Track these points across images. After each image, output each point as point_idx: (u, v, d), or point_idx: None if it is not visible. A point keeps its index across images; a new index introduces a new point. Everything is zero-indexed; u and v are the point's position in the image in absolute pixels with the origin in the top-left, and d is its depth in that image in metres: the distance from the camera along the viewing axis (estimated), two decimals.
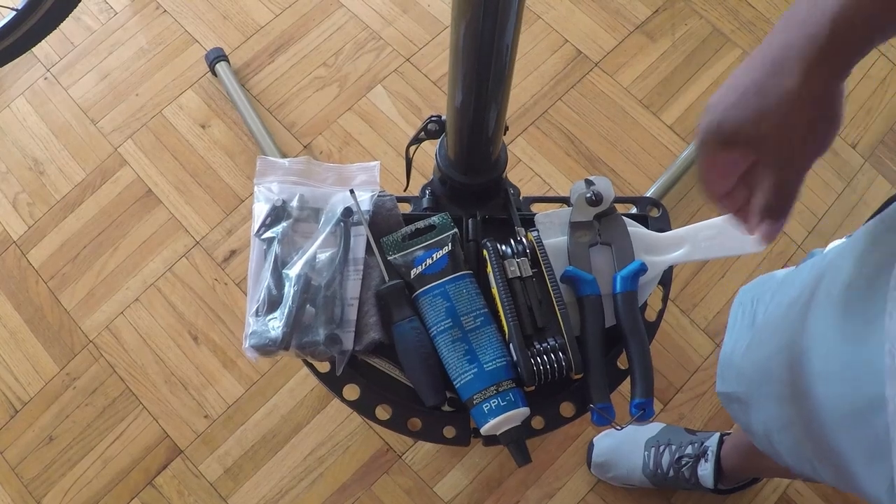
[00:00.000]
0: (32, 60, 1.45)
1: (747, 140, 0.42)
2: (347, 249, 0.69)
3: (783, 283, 0.65)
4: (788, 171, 0.43)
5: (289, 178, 0.74)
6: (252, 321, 0.66)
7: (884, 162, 1.38)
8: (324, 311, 0.66)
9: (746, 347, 0.66)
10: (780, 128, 0.41)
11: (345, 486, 1.18)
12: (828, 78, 0.39)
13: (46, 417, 1.23)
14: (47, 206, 1.35)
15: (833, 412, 0.50)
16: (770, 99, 0.40)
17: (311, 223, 0.70)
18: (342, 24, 1.46)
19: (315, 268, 0.67)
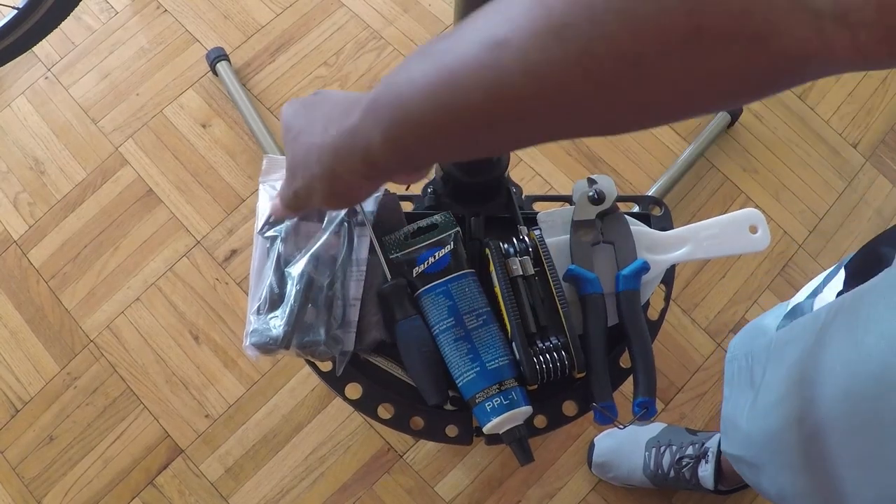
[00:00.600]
0: (33, 60, 1.45)
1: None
2: (351, 250, 0.69)
3: (778, 346, 0.65)
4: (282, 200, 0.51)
5: None
6: (253, 319, 0.66)
7: (885, 161, 1.38)
8: (325, 311, 0.66)
9: (749, 410, 0.67)
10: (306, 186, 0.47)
11: (346, 485, 1.18)
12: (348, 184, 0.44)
13: (47, 417, 1.23)
14: (48, 205, 1.35)
15: (860, 496, 0.50)
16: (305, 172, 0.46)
17: (315, 222, 0.69)
18: (343, 23, 1.46)
19: (318, 267, 0.67)
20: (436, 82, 0.34)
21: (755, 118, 1.40)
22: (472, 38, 0.32)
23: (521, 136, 0.36)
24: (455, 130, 0.35)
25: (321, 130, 0.43)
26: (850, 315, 0.53)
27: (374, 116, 0.38)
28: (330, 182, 0.44)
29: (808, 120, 1.40)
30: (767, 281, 1.30)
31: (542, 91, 0.30)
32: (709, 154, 1.37)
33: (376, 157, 0.40)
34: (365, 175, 0.42)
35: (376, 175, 0.42)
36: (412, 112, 0.36)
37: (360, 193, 0.46)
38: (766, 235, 0.74)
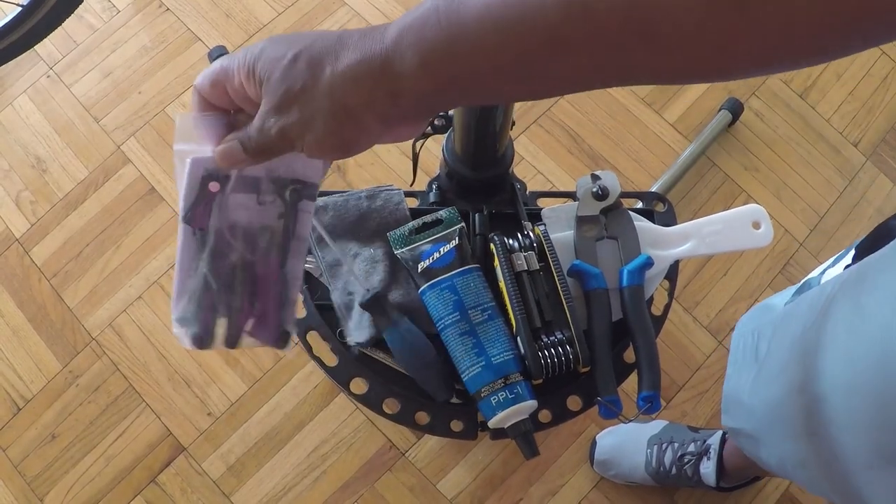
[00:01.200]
0: (35, 58, 1.45)
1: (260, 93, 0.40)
2: (292, 224, 0.52)
3: (784, 318, 0.65)
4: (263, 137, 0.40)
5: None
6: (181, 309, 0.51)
7: (885, 160, 1.39)
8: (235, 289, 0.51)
9: (752, 383, 0.66)
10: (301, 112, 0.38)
11: (348, 483, 1.18)
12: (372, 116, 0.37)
13: (49, 415, 1.23)
14: (50, 203, 1.35)
15: (858, 459, 0.50)
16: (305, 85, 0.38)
17: (250, 193, 0.51)
18: (345, 22, 1.47)
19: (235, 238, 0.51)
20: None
21: (756, 117, 1.40)
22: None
23: (584, 73, 0.32)
24: (515, 56, 0.31)
25: (334, 55, 0.36)
26: (856, 283, 0.53)
27: (417, 37, 0.33)
28: (338, 120, 0.37)
29: (809, 118, 1.41)
30: (769, 279, 1.30)
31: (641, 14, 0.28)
32: (710, 152, 1.37)
33: (406, 90, 0.35)
34: (383, 116, 0.36)
35: (396, 115, 0.37)
36: (468, 30, 0.32)
37: (368, 139, 0.39)
38: (769, 231, 0.74)
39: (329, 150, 0.39)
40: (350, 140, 0.38)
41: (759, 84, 1.43)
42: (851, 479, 0.50)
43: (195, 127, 0.44)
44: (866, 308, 0.49)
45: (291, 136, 0.39)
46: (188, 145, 0.46)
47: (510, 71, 0.33)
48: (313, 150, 0.39)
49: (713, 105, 1.40)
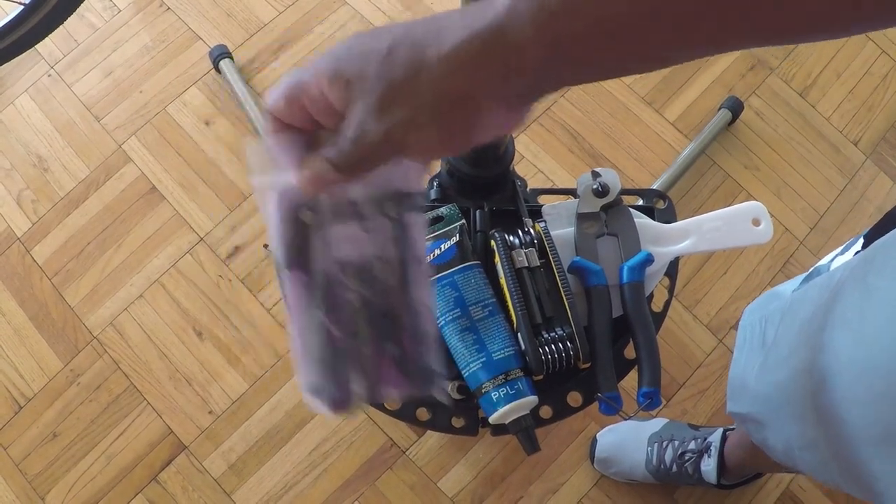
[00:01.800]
0: (36, 57, 1.45)
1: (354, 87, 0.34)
2: (406, 246, 0.45)
3: (793, 304, 0.65)
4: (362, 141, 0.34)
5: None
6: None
7: (885, 159, 1.39)
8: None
9: (759, 368, 0.66)
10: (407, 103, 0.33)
11: (349, 481, 1.18)
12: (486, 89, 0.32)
13: (50, 414, 1.23)
14: (51, 202, 1.35)
15: (866, 436, 0.50)
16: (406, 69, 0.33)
17: (351, 222, 0.44)
18: (345, 21, 1.47)
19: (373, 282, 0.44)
20: None
21: (756, 115, 1.41)
22: None
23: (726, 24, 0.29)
24: (649, 7, 0.28)
25: (436, 38, 0.31)
26: (864, 265, 0.53)
27: (537, 2, 0.29)
28: (450, 111, 0.32)
29: (809, 117, 1.41)
30: (769, 277, 1.31)
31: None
32: (710, 151, 1.37)
33: (524, 65, 0.30)
34: (497, 98, 0.32)
35: (510, 97, 0.32)
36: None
37: (482, 130, 0.33)
38: (769, 228, 0.74)
39: (441, 148, 0.34)
40: (463, 133, 0.33)
41: (759, 83, 1.43)
42: (859, 457, 0.50)
43: (272, 153, 0.37)
44: (875, 288, 0.49)
45: (398, 140, 0.33)
46: (268, 177, 0.38)
47: (640, 26, 0.29)
48: (423, 151, 0.34)
49: (713, 104, 1.40)
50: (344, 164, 0.35)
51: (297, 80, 0.36)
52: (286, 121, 0.37)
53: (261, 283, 1.29)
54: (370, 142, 0.34)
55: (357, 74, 0.33)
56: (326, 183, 0.36)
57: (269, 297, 1.28)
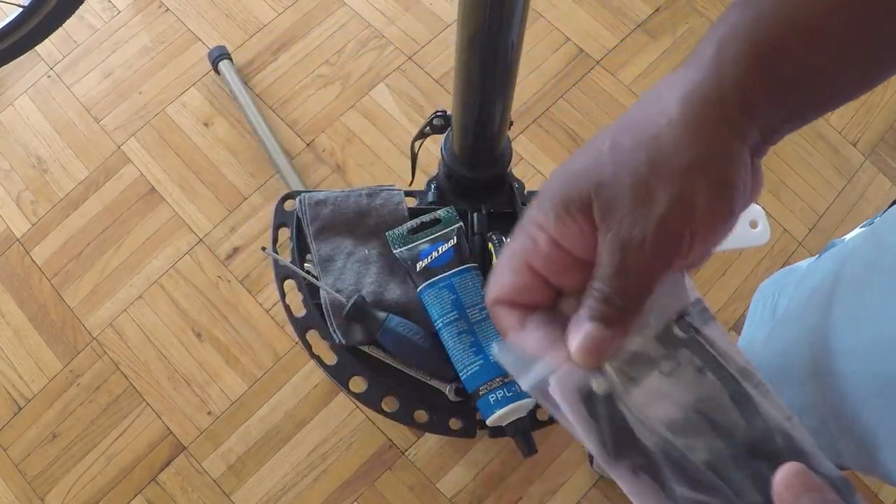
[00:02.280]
0: (35, 59, 1.45)
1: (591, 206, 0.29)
2: (723, 363, 0.34)
3: (806, 274, 0.65)
4: (636, 254, 0.28)
5: None
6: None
7: (884, 160, 1.39)
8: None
9: (767, 337, 0.66)
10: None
11: (348, 482, 1.19)
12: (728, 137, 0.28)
13: (50, 414, 1.23)
14: (51, 203, 1.35)
15: (859, 388, 0.50)
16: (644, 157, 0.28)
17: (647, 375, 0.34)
18: (344, 22, 1.47)
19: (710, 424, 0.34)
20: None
21: None
22: None
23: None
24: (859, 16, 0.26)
25: (651, 111, 0.28)
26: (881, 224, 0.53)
27: (745, 37, 0.27)
28: (718, 169, 0.27)
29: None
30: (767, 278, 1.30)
31: None
32: None
33: (754, 99, 0.27)
34: (745, 137, 0.28)
35: (755, 134, 0.28)
36: (804, 14, 0.27)
37: (748, 176, 0.29)
38: (766, 230, 0.74)
39: (725, 211, 0.28)
40: (738, 182, 0.28)
41: None
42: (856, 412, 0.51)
43: (521, 347, 0.31)
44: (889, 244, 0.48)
45: (674, 229, 0.27)
46: (533, 372, 0.31)
47: (855, 40, 0.27)
48: (708, 225, 0.28)
49: None
50: (615, 311, 0.28)
51: (516, 244, 0.30)
52: (519, 301, 0.31)
53: (260, 283, 1.29)
54: (644, 253, 0.27)
55: (591, 188, 0.28)
56: (605, 348, 0.29)
57: (268, 298, 1.28)
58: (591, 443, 0.30)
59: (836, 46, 0.28)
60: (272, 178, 1.35)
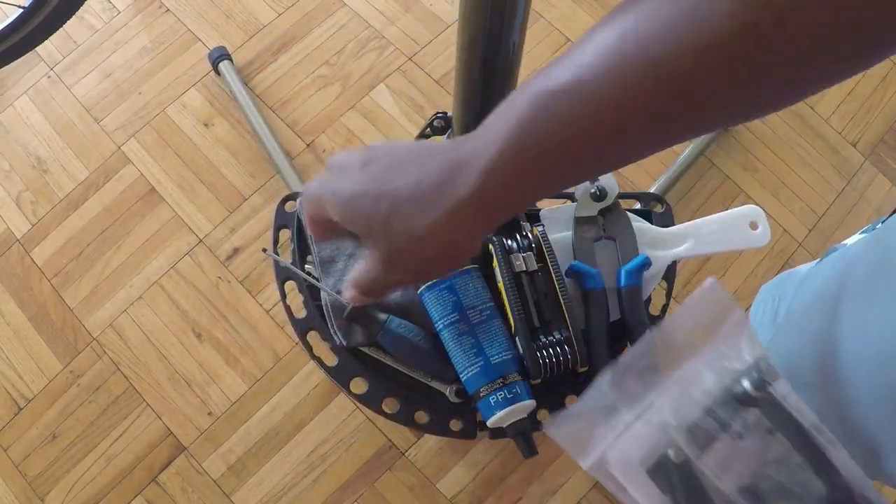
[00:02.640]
0: (35, 59, 1.45)
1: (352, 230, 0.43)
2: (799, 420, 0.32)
3: (807, 277, 0.65)
4: (373, 283, 0.45)
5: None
6: None
7: (884, 160, 1.39)
8: None
9: (769, 343, 0.67)
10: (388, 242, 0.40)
11: (348, 482, 1.19)
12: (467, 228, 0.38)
13: (50, 415, 1.23)
14: (51, 204, 1.35)
15: (867, 395, 0.50)
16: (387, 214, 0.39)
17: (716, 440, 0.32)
18: (344, 22, 1.47)
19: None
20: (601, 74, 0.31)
21: None
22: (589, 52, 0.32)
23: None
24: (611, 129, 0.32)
25: (426, 205, 0.37)
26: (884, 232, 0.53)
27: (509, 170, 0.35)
28: (449, 263, 0.41)
29: (807, 118, 1.41)
30: (768, 279, 1.30)
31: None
32: (709, 153, 1.37)
33: (508, 212, 0.38)
34: (482, 237, 0.40)
35: (493, 227, 0.39)
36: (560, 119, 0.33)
37: (473, 249, 0.41)
38: (767, 231, 0.74)
39: (423, 279, 0.44)
40: (446, 266, 0.41)
41: None
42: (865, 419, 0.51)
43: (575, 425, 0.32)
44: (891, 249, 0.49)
45: (401, 283, 0.47)
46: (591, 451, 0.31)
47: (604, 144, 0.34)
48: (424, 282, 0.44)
49: None
50: (369, 290, 0.46)
51: (312, 197, 0.43)
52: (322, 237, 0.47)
53: (260, 284, 1.29)
54: (383, 282, 0.44)
55: (363, 230, 0.40)
56: (361, 302, 0.50)
57: (269, 299, 1.28)
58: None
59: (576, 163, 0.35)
60: (272, 179, 1.35)
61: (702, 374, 0.30)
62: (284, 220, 0.75)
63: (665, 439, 0.29)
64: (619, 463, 0.29)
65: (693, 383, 0.30)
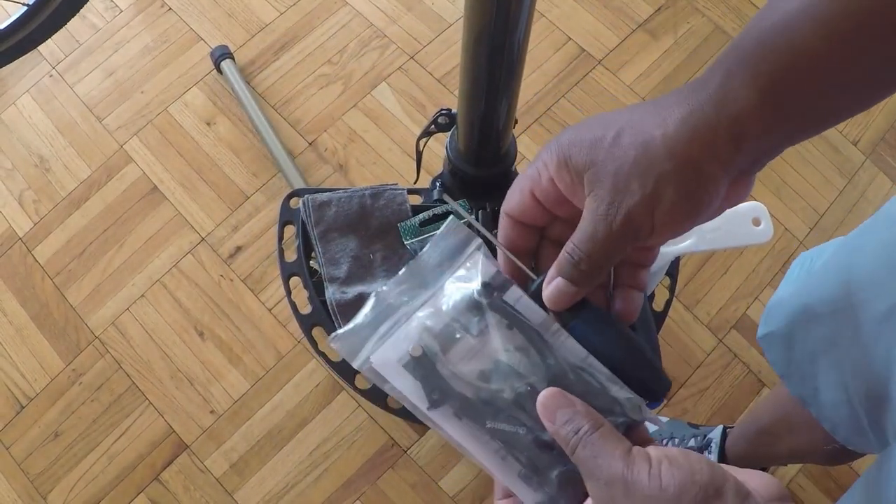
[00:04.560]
0: (38, 58, 1.46)
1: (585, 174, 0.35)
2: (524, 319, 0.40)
3: (847, 237, 0.67)
4: (607, 230, 0.34)
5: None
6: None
7: (885, 159, 1.39)
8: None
9: (798, 286, 0.68)
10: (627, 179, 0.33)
11: (350, 480, 1.19)
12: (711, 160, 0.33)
13: (52, 413, 1.23)
14: (53, 202, 1.35)
15: (873, 313, 0.51)
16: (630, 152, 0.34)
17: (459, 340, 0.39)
18: (346, 21, 1.47)
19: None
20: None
21: None
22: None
23: None
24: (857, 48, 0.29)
25: (659, 121, 0.33)
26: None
27: (752, 72, 0.31)
28: (688, 178, 0.32)
29: None
30: (769, 277, 1.31)
31: None
32: None
33: (749, 131, 0.31)
34: (728, 164, 0.32)
35: (741, 162, 0.33)
36: (803, 45, 0.30)
37: (717, 195, 0.33)
38: (769, 228, 0.75)
39: (683, 217, 0.33)
40: (703, 199, 0.33)
41: None
42: (869, 339, 0.52)
43: (351, 338, 0.39)
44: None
45: (638, 219, 0.33)
46: (360, 356, 0.39)
47: (850, 65, 0.31)
48: (666, 224, 0.33)
49: None
50: (580, 272, 0.35)
51: (526, 174, 0.38)
52: (520, 218, 0.39)
53: (262, 282, 1.29)
54: (609, 231, 0.33)
55: (586, 162, 0.34)
56: (569, 298, 0.36)
57: (271, 297, 1.28)
58: (417, 399, 0.38)
59: (833, 72, 0.31)
60: (274, 178, 1.36)
61: (447, 290, 0.39)
62: (289, 216, 0.76)
63: (417, 342, 0.38)
64: (380, 360, 0.38)
65: (441, 298, 0.39)
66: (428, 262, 0.40)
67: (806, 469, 1.20)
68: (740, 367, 1.25)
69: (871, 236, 0.56)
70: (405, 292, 0.40)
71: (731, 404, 1.24)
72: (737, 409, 1.23)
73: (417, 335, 0.38)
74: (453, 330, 0.39)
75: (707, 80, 0.32)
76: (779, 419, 0.90)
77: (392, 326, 0.39)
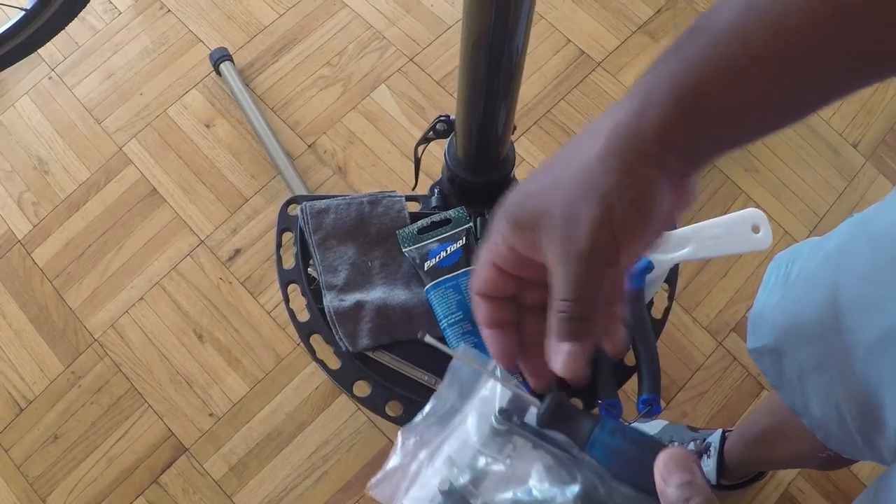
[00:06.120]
0: (37, 60, 1.45)
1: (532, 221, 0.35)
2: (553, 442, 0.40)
3: (821, 240, 0.67)
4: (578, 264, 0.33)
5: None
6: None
7: (885, 161, 1.39)
8: None
9: (778, 301, 0.67)
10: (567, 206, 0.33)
11: (349, 483, 1.19)
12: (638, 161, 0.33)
13: (51, 416, 1.23)
14: (52, 205, 1.35)
15: (863, 340, 0.51)
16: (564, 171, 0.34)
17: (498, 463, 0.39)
18: (346, 23, 1.47)
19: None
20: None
21: None
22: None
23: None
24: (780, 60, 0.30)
25: (590, 143, 0.34)
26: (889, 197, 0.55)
27: (665, 84, 0.32)
28: (629, 192, 0.32)
29: (808, 119, 1.41)
30: None
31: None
32: None
33: (674, 133, 0.32)
34: (660, 165, 0.33)
35: (674, 160, 0.33)
36: (728, 62, 0.31)
37: (663, 198, 0.33)
38: (769, 235, 0.75)
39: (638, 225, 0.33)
40: (649, 202, 0.33)
41: None
42: (860, 366, 0.52)
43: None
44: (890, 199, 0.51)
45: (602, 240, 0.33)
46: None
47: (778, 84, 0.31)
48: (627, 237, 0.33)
49: None
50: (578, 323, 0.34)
51: (486, 248, 0.38)
52: (491, 293, 0.38)
53: (261, 285, 1.29)
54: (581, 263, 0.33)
55: (535, 213, 0.34)
56: (583, 356, 0.34)
57: (270, 300, 1.28)
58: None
59: (759, 88, 0.32)
60: (273, 180, 1.36)
61: (469, 420, 0.39)
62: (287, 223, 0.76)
63: (446, 478, 0.38)
64: (411, 501, 0.38)
65: (465, 428, 0.39)
66: (448, 394, 0.41)
67: (805, 472, 1.20)
68: (739, 369, 1.25)
69: (856, 254, 0.55)
70: (430, 427, 0.40)
71: (731, 407, 1.24)
72: (736, 411, 1.23)
73: (447, 470, 0.38)
74: (480, 460, 0.38)
75: (629, 96, 0.34)
76: (774, 426, 0.90)
77: (421, 465, 0.39)
